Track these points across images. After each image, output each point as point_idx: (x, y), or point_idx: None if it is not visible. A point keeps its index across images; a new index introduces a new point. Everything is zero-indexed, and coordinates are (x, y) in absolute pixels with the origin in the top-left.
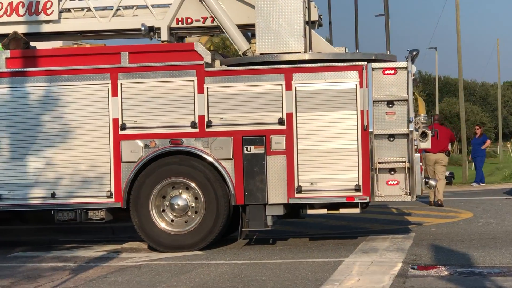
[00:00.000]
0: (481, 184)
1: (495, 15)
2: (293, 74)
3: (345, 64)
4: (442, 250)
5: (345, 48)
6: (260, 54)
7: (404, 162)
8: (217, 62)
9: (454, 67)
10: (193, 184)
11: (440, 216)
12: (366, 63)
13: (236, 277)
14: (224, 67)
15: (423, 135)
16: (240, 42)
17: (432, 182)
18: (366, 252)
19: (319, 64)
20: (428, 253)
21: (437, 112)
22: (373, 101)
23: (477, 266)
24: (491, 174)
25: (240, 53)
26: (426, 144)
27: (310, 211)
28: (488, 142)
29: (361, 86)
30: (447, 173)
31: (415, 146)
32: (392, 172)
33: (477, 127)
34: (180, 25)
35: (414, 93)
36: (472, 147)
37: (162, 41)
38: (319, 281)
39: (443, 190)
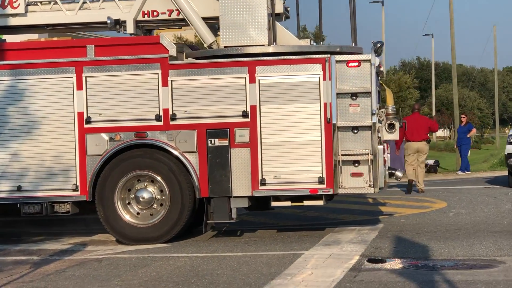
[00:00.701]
0: (466, 172)
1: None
2: (256, 67)
3: (308, 56)
4: (404, 242)
5: (310, 41)
6: (225, 47)
7: (368, 154)
8: (184, 55)
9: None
10: (158, 177)
11: (414, 207)
12: (329, 55)
13: (192, 271)
14: (189, 60)
15: (391, 126)
16: (205, 35)
17: (398, 174)
18: (328, 245)
19: (282, 57)
20: (389, 245)
21: (433, 99)
22: (337, 94)
23: (433, 259)
24: (485, 161)
25: (205, 46)
26: (394, 136)
27: (274, 203)
28: (474, 130)
29: (325, 78)
30: (432, 161)
31: (379, 138)
32: (356, 164)
33: (462, 116)
34: (146, 18)
35: (382, 84)
36: (458, 136)
37: (131, 34)
38: (272, 275)
39: (423, 178)
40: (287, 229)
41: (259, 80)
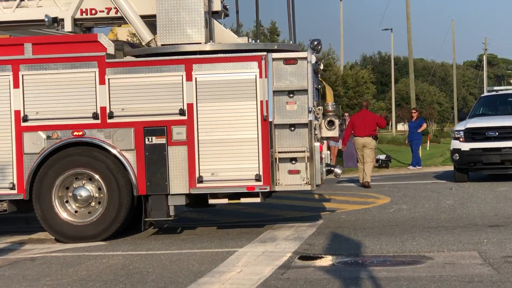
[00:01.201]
0: (417, 167)
1: None
2: (193, 65)
3: (244, 54)
4: (339, 239)
5: (248, 38)
6: (162, 45)
7: (304, 151)
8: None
9: (414, 47)
10: (96, 175)
11: (358, 202)
12: (265, 53)
13: (123, 269)
14: (128, 58)
15: (330, 123)
16: (143, 33)
17: (337, 170)
18: (264, 242)
19: (218, 55)
20: (324, 242)
21: (393, 93)
22: (274, 91)
23: (363, 255)
24: (442, 155)
25: (144, 44)
26: (333, 133)
27: (211, 201)
28: (424, 125)
29: (261, 76)
30: (383, 157)
31: (316, 135)
32: (293, 162)
33: (413, 111)
34: (84, 16)
35: (322, 82)
36: (409, 131)
37: (70, 32)
38: (202, 273)
39: (371, 173)
40: (227, 226)
41: (196, 78)
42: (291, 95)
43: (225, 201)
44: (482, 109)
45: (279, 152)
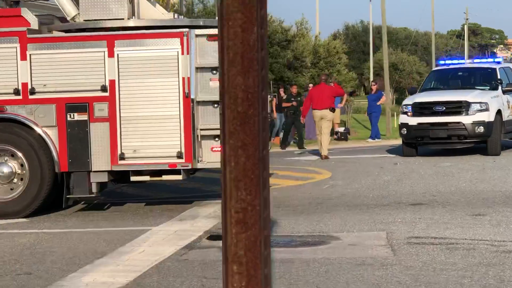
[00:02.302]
0: (376, 140)
1: None
2: (115, 41)
3: (166, 31)
4: None
5: (174, 14)
6: (84, 20)
7: None
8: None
9: (397, 16)
10: (18, 152)
11: (297, 178)
12: (187, 29)
13: (29, 249)
14: (50, 34)
15: None
16: (67, 8)
17: None
18: (183, 220)
19: (140, 31)
20: None
21: (371, 63)
22: (197, 68)
23: (272, 235)
24: None
25: (68, 19)
26: None
27: (133, 178)
28: (384, 98)
29: (183, 53)
30: (342, 129)
31: None
32: (217, 139)
33: (372, 83)
34: None
35: None
36: (368, 103)
37: None
38: (104, 253)
39: (328, 145)
40: (156, 202)
41: (117, 54)
42: (214, 71)
43: (147, 178)
44: (433, 83)
45: (201, 130)
